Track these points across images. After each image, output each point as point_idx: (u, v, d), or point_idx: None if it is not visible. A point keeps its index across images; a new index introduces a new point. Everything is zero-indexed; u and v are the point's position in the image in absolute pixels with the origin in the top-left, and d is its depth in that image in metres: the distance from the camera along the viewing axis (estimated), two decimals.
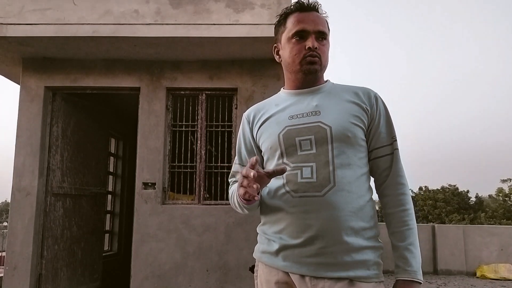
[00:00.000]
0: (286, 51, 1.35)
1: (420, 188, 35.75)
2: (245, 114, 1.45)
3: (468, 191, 34.35)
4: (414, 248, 1.22)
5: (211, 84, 4.52)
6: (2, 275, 4.35)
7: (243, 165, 1.43)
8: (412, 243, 1.22)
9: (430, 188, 35.77)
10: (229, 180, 1.50)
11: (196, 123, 4.56)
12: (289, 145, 1.26)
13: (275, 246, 1.26)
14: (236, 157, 1.48)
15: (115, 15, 4.05)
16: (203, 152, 4.49)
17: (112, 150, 6.58)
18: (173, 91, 4.58)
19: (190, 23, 4.03)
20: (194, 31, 4.01)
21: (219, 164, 4.50)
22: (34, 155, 4.36)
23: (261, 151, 1.38)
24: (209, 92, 4.57)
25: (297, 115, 1.29)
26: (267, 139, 1.32)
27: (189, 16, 4.05)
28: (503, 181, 34.25)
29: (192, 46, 4.21)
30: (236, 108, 4.51)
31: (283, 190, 1.25)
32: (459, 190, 34.00)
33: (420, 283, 1.20)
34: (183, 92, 4.59)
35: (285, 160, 1.27)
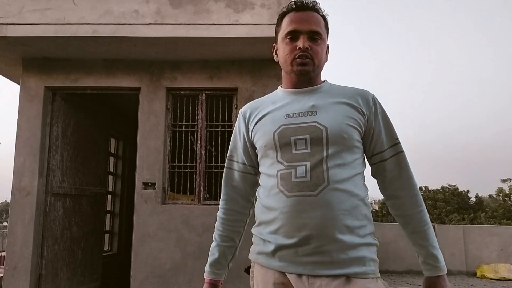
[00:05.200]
0: (280, 51, 1.37)
1: (420, 188, 35.71)
2: (241, 110, 1.45)
3: (468, 191, 34.35)
4: (437, 244, 1.31)
5: (211, 84, 4.52)
6: (2, 275, 4.35)
7: (237, 162, 1.43)
8: (434, 239, 1.31)
9: (430, 188, 35.76)
10: (223, 185, 1.48)
11: (196, 123, 4.56)
12: (284, 143, 1.26)
13: (271, 247, 1.25)
14: (230, 151, 1.47)
15: (115, 15, 4.05)
16: (203, 152, 4.49)
17: (112, 150, 6.58)
18: (173, 91, 4.58)
19: (190, 23, 4.03)
20: (194, 31, 4.01)
21: (219, 164, 4.50)
22: (34, 155, 4.36)
23: (255, 149, 1.38)
24: (209, 92, 4.57)
25: (293, 114, 1.29)
26: (262, 137, 1.32)
27: (189, 16, 4.05)
28: (503, 181, 34.25)
29: (192, 46, 4.21)
30: (236, 108, 4.51)
31: (276, 190, 1.25)
32: (459, 190, 33.99)
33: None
34: (183, 92, 4.59)
35: (279, 159, 1.27)
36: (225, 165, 1.46)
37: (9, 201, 4.67)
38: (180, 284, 4.18)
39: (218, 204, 4.74)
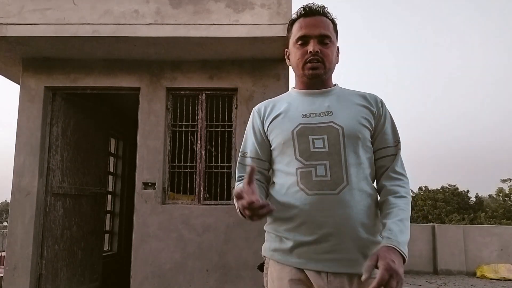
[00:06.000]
0: (292, 56, 1.42)
1: (420, 188, 35.68)
2: (255, 109, 1.48)
3: (468, 191, 34.31)
4: (402, 224, 1.21)
5: (211, 84, 4.52)
6: (2, 275, 4.35)
7: (252, 158, 1.43)
8: (402, 219, 1.22)
9: (430, 188, 35.71)
10: (237, 175, 1.46)
11: (196, 123, 4.56)
12: (302, 142, 1.31)
13: (289, 244, 1.28)
14: (243, 148, 1.47)
15: (115, 15, 4.05)
16: (203, 152, 4.49)
17: (112, 150, 6.58)
18: (173, 91, 4.58)
19: (190, 23, 4.03)
20: (194, 31, 4.01)
21: (219, 164, 4.50)
22: (34, 155, 4.36)
23: (270, 146, 1.40)
24: (209, 92, 4.57)
25: (310, 114, 1.34)
26: (279, 135, 1.35)
27: (189, 16, 4.05)
28: (503, 181, 34.16)
29: (192, 46, 4.21)
30: (236, 108, 4.51)
31: (296, 188, 1.28)
32: (459, 190, 33.95)
33: (404, 257, 1.15)
34: (183, 92, 4.59)
35: (297, 157, 1.30)
36: (238, 161, 1.47)
37: (9, 201, 4.67)
38: (180, 284, 4.18)
39: (218, 204, 4.73)
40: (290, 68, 4.51)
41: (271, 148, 1.40)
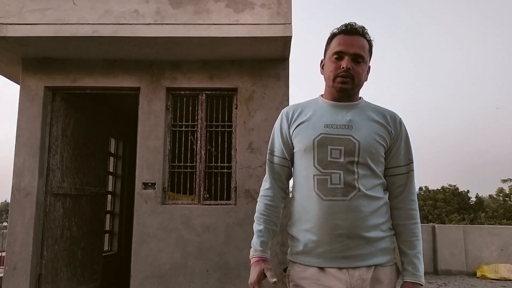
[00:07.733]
0: (326, 67, 1.54)
1: (420, 188, 35.69)
2: (283, 111, 1.61)
3: (468, 191, 34.35)
4: (421, 256, 1.47)
5: (211, 84, 4.52)
6: (2, 275, 4.35)
7: (278, 156, 1.59)
8: (420, 251, 1.47)
9: (430, 188, 35.75)
10: (266, 172, 1.63)
11: (196, 123, 4.56)
12: (321, 151, 1.44)
13: (309, 245, 1.43)
14: (270, 147, 1.62)
15: (115, 15, 4.05)
16: (203, 152, 4.48)
17: (112, 150, 6.57)
18: (173, 91, 4.57)
19: (190, 23, 4.03)
20: (194, 31, 4.01)
21: (219, 164, 4.50)
22: (34, 155, 4.36)
23: (293, 148, 1.54)
24: (209, 92, 4.57)
25: (331, 125, 1.47)
26: (302, 141, 1.49)
27: (189, 16, 4.05)
28: (504, 181, 34.16)
29: (192, 46, 4.21)
30: (236, 108, 4.51)
31: (313, 193, 1.43)
32: (459, 190, 33.97)
33: (423, 285, 1.45)
34: (183, 92, 4.59)
35: (315, 164, 1.44)
36: (267, 159, 1.63)
37: (9, 201, 4.67)
38: (180, 284, 4.18)
39: (218, 204, 4.74)
40: (291, 68, 4.53)
41: (293, 151, 1.55)
